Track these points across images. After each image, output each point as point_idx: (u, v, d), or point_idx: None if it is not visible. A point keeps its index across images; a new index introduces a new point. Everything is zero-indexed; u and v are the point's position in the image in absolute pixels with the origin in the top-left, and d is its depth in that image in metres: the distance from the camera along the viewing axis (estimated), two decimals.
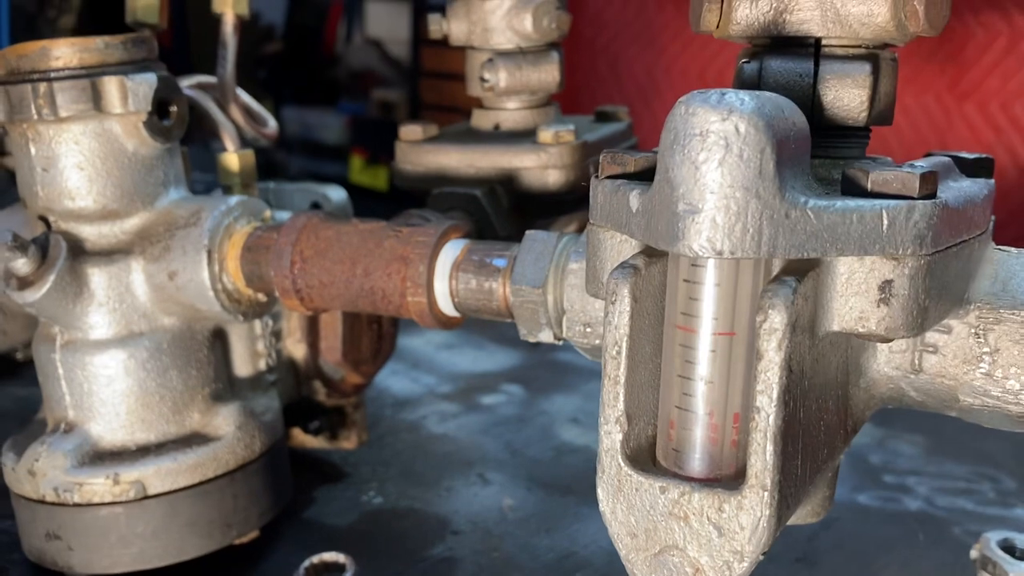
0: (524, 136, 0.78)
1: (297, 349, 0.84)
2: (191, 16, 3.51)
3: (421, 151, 0.79)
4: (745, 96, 0.38)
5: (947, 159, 0.49)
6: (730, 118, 0.37)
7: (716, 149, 0.37)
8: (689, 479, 0.42)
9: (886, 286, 0.41)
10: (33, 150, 0.69)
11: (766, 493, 0.39)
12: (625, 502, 0.42)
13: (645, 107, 2.45)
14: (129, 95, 0.68)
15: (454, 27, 0.79)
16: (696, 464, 0.42)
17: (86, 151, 0.69)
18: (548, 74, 0.79)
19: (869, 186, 0.41)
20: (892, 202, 0.40)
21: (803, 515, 0.54)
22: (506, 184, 0.76)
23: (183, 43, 3.52)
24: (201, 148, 0.89)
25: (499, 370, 1.18)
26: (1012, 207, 1.77)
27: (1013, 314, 0.46)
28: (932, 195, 0.41)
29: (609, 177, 0.46)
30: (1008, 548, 0.71)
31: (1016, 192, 1.86)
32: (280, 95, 3.83)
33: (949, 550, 0.80)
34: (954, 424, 1.02)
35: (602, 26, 2.52)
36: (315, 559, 0.73)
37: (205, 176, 0.87)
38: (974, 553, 0.73)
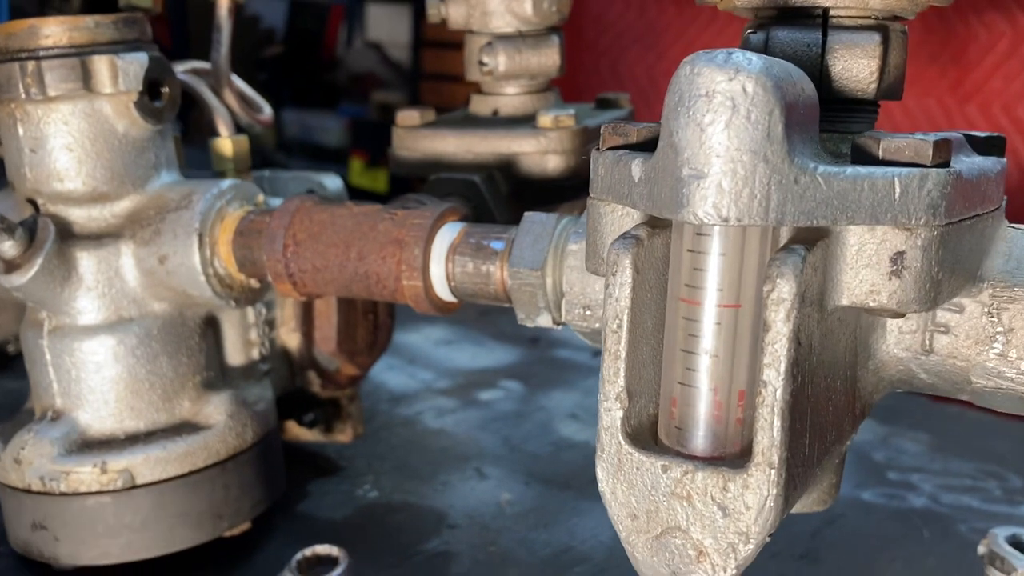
0: (523, 122, 0.77)
1: (291, 339, 0.82)
2: (191, 15, 3.50)
3: (418, 136, 0.77)
4: (753, 56, 0.36)
5: (959, 135, 0.48)
6: (737, 77, 0.36)
7: (722, 110, 0.36)
8: (692, 457, 0.40)
9: (898, 257, 0.40)
10: (21, 130, 0.68)
11: (773, 471, 0.37)
12: (625, 482, 0.41)
13: (646, 108, 2.43)
14: (119, 74, 0.67)
15: (452, 11, 0.78)
16: (700, 442, 0.40)
17: (75, 132, 0.68)
18: (548, 58, 0.77)
19: (881, 154, 0.39)
20: (905, 169, 0.39)
21: (808, 503, 0.53)
22: (505, 170, 0.75)
23: (183, 41, 3.52)
24: (201, 150, 0.87)
25: (498, 366, 1.17)
26: (1015, 208, 1.76)
27: None
28: (946, 164, 0.40)
29: (610, 149, 0.45)
30: (1017, 544, 0.69)
31: (1019, 194, 1.85)
32: (280, 98, 3.82)
33: (954, 547, 0.78)
34: (959, 422, 1.01)
35: (604, 28, 2.51)
36: (308, 552, 0.71)
37: (202, 173, 0.85)
38: (982, 549, 0.71)
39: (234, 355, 0.77)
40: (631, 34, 2.48)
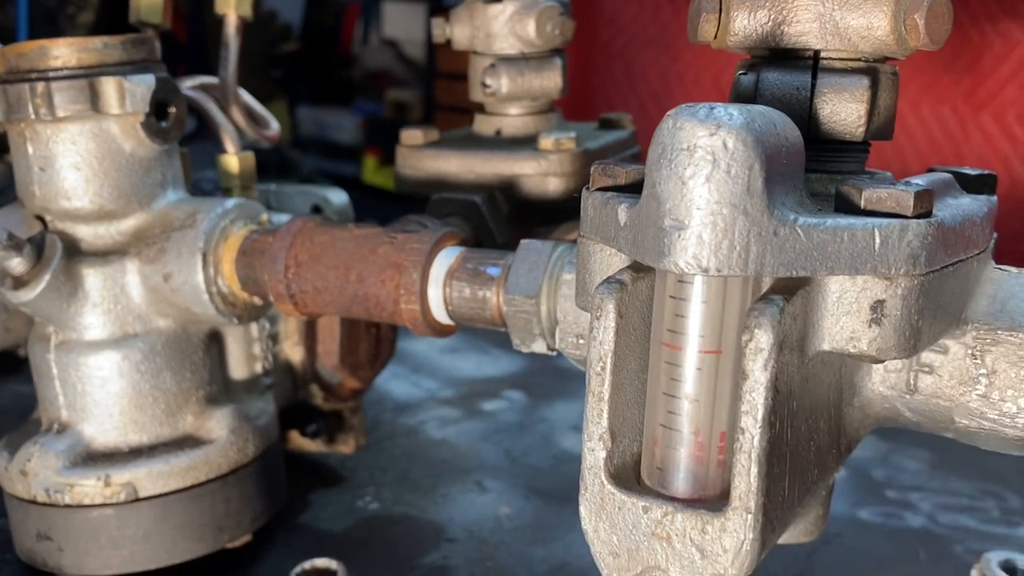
0: (525, 142, 0.78)
1: (294, 353, 0.83)
2: (208, 11, 3.52)
3: (421, 156, 0.78)
4: (734, 110, 0.37)
5: (948, 175, 0.49)
6: (718, 133, 0.36)
7: (703, 164, 0.36)
8: (673, 499, 0.41)
9: (878, 306, 0.40)
10: (30, 149, 0.69)
11: (750, 516, 0.38)
12: (608, 521, 0.41)
13: (659, 111, 2.43)
14: (127, 96, 0.68)
15: (457, 32, 0.78)
16: (680, 484, 0.41)
17: (83, 151, 0.69)
18: (550, 80, 0.78)
19: (862, 204, 0.40)
20: (885, 220, 0.39)
21: (795, 534, 0.53)
22: (506, 191, 0.76)
23: (200, 39, 3.54)
24: (212, 145, 0.88)
25: (502, 375, 1.18)
26: None
27: (1011, 335, 0.45)
28: (927, 214, 0.40)
29: (599, 189, 0.45)
30: (1009, 569, 0.70)
31: None
32: (295, 94, 3.84)
33: (950, 568, 0.78)
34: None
35: (618, 30, 2.51)
36: (307, 564, 0.73)
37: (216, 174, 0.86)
38: (974, 573, 0.71)
39: (237, 369, 0.78)
40: (645, 36, 2.48)
